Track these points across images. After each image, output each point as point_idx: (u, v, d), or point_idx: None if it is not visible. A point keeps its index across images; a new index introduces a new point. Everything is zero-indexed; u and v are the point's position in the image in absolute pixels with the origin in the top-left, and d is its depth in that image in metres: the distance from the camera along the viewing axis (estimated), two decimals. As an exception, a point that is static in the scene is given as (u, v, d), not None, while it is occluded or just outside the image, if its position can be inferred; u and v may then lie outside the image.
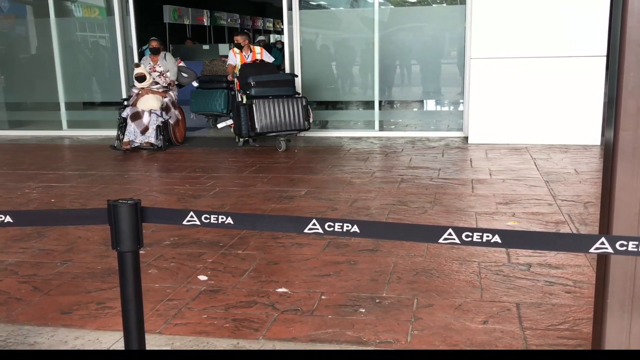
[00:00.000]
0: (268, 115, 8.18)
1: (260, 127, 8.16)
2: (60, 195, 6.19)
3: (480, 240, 1.72)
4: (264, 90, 8.26)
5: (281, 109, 8.25)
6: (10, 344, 3.08)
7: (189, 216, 1.95)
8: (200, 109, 10.06)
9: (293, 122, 8.35)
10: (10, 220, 1.93)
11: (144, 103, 8.46)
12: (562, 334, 3.07)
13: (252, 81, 8.24)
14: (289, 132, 8.43)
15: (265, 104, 8.19)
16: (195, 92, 9.91)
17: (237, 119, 8.49)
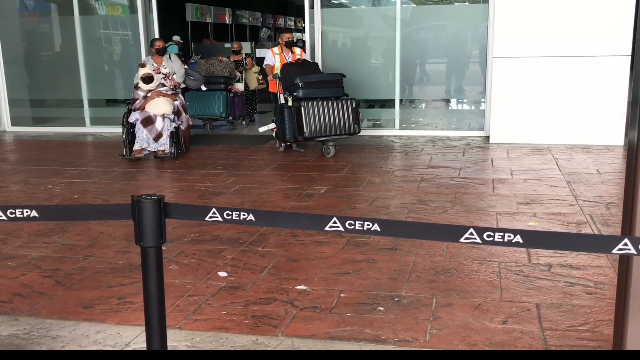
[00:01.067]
0: (317, 119, 7.63)
1: (309, 132, 7.61)
2: (82, 191, 6.26)
3: (502, 240, 1.71)
4: (312, 92, 7.74)
5: (330, 112, 7.71)
6: (33, 337, 3.13)
7: (211, 212, 1.97)
8: (197, 112, 9.75)
9: (343, 125, 7.80)
10: (36, 215, 1.96)
11: (155, 107, 7.75)
12: (582, 335, 3.05)
13: (300, 82, 7.70)
14: (339, 137, 7.88)
15: (314, 106, 7.64)
16: (191, 94, 9.60)
17: (280, 123, 7.91)
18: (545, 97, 8.34)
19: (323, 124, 7.68)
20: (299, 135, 7.69)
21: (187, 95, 9.38)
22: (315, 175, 6.80)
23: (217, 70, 10.06)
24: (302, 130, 7.63)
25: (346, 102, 7.83)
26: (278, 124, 8.00)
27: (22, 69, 11.21)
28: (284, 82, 8.00)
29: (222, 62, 10.33)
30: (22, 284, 3.83)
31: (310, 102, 7.64)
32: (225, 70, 10.24)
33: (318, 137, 7.72)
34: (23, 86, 11.24)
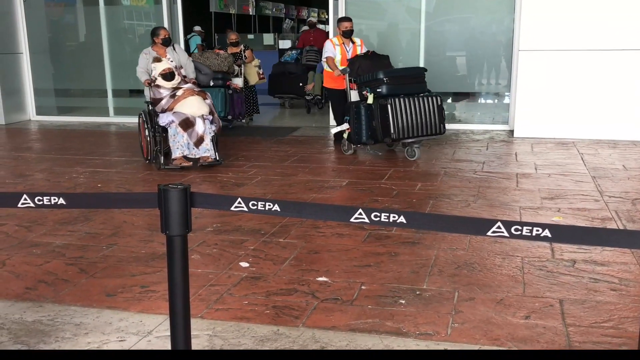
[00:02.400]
0: (404, 118, 6.84)
1: (397, 132, 6.84)
2: (106, 180, 6.32)
3: (529, 234, 1.69)
4: (397, 88, 6.94)
5: (417, 110, 6.92)
6: (57, 324, 3.16)
7: (237, 202, 1.97)
8: None
9: (429, 124, 7.03)
10: (63, 202, 1.98)
11: (190, 107, 6.70)
12: (606, 332, 3.02)
13: (384, 77, 6.92)
14: (426, 138, 7.16)
15: (401, 104, 6.85)
16: None
17: (356, 123, 7.09)
18: (571, 91, 8.24)
19: (410, 124, 6.90)
20: (385, 137, 6.92)
21: None
22: (337, 167, 6.79)
23: (214, 64, 9.01)
24: (389, 131, 6.84)
25: (431, 99, 7.08)
26: (352, 124, 7.18)
27: (47, 59, 11.31)
28: (358, 76, 7.21)
29: (219, 55, 9.28)
30: (46, 271, 3.88)
31: (397, 100, 6.85)
32: (223, 65, 9.16)
33: (405, 138, 6.95)
34: (48, 76, 11.35)
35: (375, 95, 6.92)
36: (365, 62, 7.36)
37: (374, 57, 7.51)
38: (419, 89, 7.11)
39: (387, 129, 6.84)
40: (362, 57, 7.47)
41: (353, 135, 7.18)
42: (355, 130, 7.12)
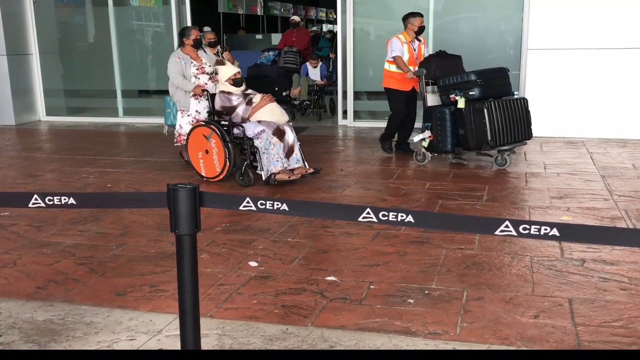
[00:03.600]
0: (500, 123, 6.30)
1: (494, 139, 6.29)
2: (116, 180, 6.35)
3: (538, 233, 1.69)
4: (488, 90, 6.39)
5: (509, 113, 6.40)
6: (68, 323, 3.18)
7: (245, 202, 1.98)
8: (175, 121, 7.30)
9: (520, 129, 6.53)
10: (73, 202, 2.00)
11: (274, 114, 6.07)
12: (615, 332, 3.01)
13: (477, 78, 6.35)
14: (519, 144, 6.64)
15: (496, 107, 6.30)
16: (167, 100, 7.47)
17: (440, 130, 6.50)
18: (580, 90, 8.21)
19: (505, 129, 6.36)
20: (484, 145, 6.33)
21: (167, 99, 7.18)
22: (345, 167, 6.79)
23: None
24: (485, 138, 6.27)
25: (521, 101, 6.60)
26: (435, 131, 6.55)
27: (57, 59, 11.37)
28: (437, 78, 6.62)
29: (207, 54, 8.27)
30: (57, 270, 3.90)
31: (492, 103, 6.31)
32: None
33: (501, 145, 6.40)
34: (58, 76, 11.41)
35: (468, 98, 6.32)
36: (443, 62, 6.77)
37: (448, 57, 6.96)
38: (507, 91, 6.64)
39: (482, 135, 6.30)
40: (437, 57, 6.86)
41: (435, 143, 6.57)
42: (440, 138, 6.52)
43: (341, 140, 8.57)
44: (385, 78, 7.29)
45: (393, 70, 7.11)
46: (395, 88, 7.18)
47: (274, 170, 5.80)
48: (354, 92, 9.75)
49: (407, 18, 7.22)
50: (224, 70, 6.18)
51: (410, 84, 7.08)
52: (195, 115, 6.49)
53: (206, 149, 6.04)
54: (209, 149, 6.03)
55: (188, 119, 6.53)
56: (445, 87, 6.52)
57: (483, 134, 6.28)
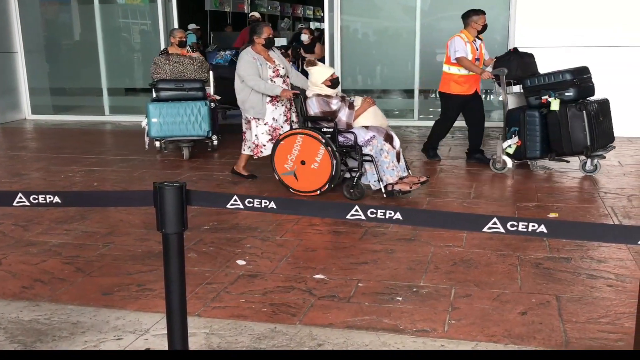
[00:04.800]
0: (596, 126, 5.87)
1: (594, 144, 5.86)
2: (102, 179, 6.31)
3: (525, 229, 1.70)
4: (583, 91, 5.97)
5: (601, 116, 6.02)
6: (54, 323, 3.16)
7: (233, 200, 1.97)
8: (169, 133, 7.01)
9: (608, 131, 6.18)
10: (58, 201, 1.98)
11: (378, 118, 5.64)
12: (602, 328, 3.03)
13: (574, 78, 5.90)
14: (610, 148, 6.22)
15: (593, 109, 5.88)
16: (156, 107, 7.00)
17: (530, 135, 5.99)
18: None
19: (600, 132, 5.95)
20: (584, 150, 5.87)
21: (149, 107, 7.02)
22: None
23: (189, 70, 7.34)
24: (584, 142, 5.83)
25: (607, 103, 6.19)
26: (523, 137, 6.03)
27: (42, 57, 11.29)
28: (521, 78, 6.18)
29: (194, 59, 7.52)
30: (43, 270, 3.87)
31: (591, 105, 5.89)
32: (201, 71, 7.48)
33: (597, 150, 5.96)
34: (43, 75, 11.32)
35: (563, 101, 5.85)
36: (523, 60, 6.29)
37: (525, 55, 6.46)
38: (593, 91, 6.11)
39: (581, 140, 5.83)
40: (517, 55, 6.38)
41: (523, 149, 6.03)
42: (528, 144, 5.99)
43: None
44: (444, 81, 6.74)
45: (454, 73, 6.59)
46: (455, 93, 6.62)
47: (390, 180, 5.27)
48: (341, 90, 9.73)
49: (469, 16, 6.69)
50: (319, 71, 5.54)
51: (473, 87, 6.62)
52: (272, 124, 5.80)
53: (302, 159, 5.39)
54: (307, 160, 5.37)
55: (265, 128, 5.80)
56: (535, 88, 5.99)
57: (582, 138, 5.82)
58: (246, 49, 5.79)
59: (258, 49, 5.78)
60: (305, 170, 5.40)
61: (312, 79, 5.54)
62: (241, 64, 5.70)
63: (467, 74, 6.52)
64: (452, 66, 6.59)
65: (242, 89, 5.74)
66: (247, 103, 5.76)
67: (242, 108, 5.84)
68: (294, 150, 5.42)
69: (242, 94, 5.76)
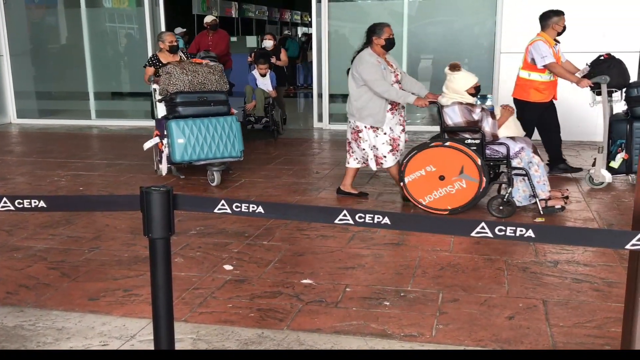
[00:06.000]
0: None
1: None
2: (88, 183, 6.26)
3: (513, 234, 1.70)
4: None
5: None
6: (38, 328, 3.12)
7: (220, 204, 1.96)
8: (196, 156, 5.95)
9: None
10: (43, 205, 1.96)
11: (519, 128, 5.26)
12: (589, 332, 3.04)
13: None
14: None
15: None
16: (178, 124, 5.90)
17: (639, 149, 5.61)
18: (552, 93, 8.29)
19: None
20: None
21: (173, 126, 5.89)
22: (321, 170, 6.78)
23: (209, 80, 6.18)
24: None
25: None
26: (630, 149, 5.63)
27: (28, 61, 11.21)
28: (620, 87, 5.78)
29: (212, 67, 6.36)
30: (28, 275, 3.83)
31: None
32: (222, 81, 6.36)
33: None
34: (29, 78, 11.25)
35: None
36: (622, 67, 5.82)
37: (622, 62, 5.94)
38: None
39: None
40: (615, 62, 5.87)
41: (629, 163, 5.60)
42: (636, 158, 5.55)
43: (317, 143, 8.56)
44: (521, 88, 6.28)
45: (535, 79, 6.14)
46: (534, 100, 6.16)
47: (543, 196, 4.90)
48: (329, 94, 9.75)
49: (548, 17, 6.19)
50: (464, 77, 5.08)
51: (552, 94, 6.24)
52: (389, 134, 5.32)
53: (441, 174, 4.93)
54: (447, 174, 4.91)
55: (385, 138, 5.31)
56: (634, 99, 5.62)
57: None
58: (366, 51, 5.29)
59: (377, 51, 5.28)
60: (445, 186, 4.93)
61: (454, 85, 5.05)
62: (365, 67, 5.18)
63: (549, 81, 6.14)
64: (533, 72, 6.13)
65: (361, 94, 5.24)
66: (365, 110, 5.25)
67: (356, 116, 5.33)
68: (430, 164, 4.98)
69: (360, 101, 5.26)
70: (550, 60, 5.97)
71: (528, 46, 6.20)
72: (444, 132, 5.06)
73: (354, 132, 5.42)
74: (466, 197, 4.88)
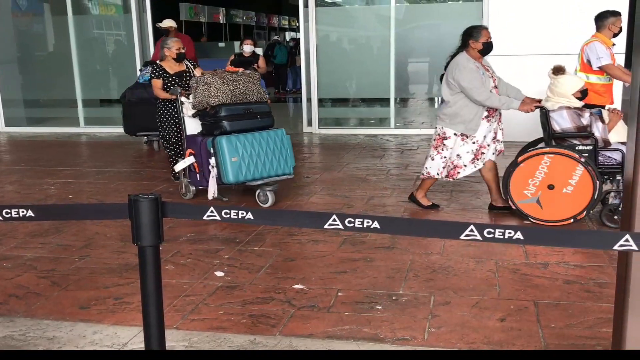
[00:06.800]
0: None
1: None
2: (77, 191, 6.23)
3: (502, 237, 1.71)
4: None
5: None
6: (29, 338, 3.10)
7: (209, 211, 1.95)
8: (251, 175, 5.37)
9: None
10: (32, 215, 1.95)
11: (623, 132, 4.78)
12: (580, 333, 3.05)
13: None
14: None
15: None
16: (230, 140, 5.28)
17: None
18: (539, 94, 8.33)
19: None
20: None
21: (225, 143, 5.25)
22: (311, 174, 6.78)
23: (250, 91, 5.56)
24: None
25: None
26: None
27: (15, 69, 11.16)
28: None
29: (250, 75, 5.71)
30: (17, 284, 3.81)
31: None
32: (262, 90, 5.80)
33: None
34: (17, 86, 11.19)
35: None
36: None
37: None
38: None
39: None
40: None
41: None
42: None
43: (306, 147, 8.56)
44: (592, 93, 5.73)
45: (594, 82, 5.80)
46: (595, 104, 5.61)
47: None
48: (318, 99, 9.76)
49: (605, 17, 5.90)
50: (569, 81, 4.81)
51: (611, 97, 5.97)
52: (481, 142, 5.06)
53: (550, 183, 4.68)
54: (558, 183, 4.68)
55: (472, 147, 5.03)
56: None
57: None
58: (462, 55, 5.00)
59: (473, 55, 4.99)
60: (553, 195, 4.68)
61: (560, 89, 4.80)
62: (464, 73, 4.89)
63: (608, 83, 5.86)
64: (591, 74, 5.85)
65: (456, 101, 4.96)
66: (457, 117, 4.97)
67: (445, 121, 5.04)
68: (538, 173, 4.71)
69: (454, 107, 4.98)
70: (607, 61, 5.72)
71: (583, 46, 5.97)
72: (552, 139, 4.79)
73: (439, 138, 5.11)
74: (580, 205, 4.63)
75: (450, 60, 5.09)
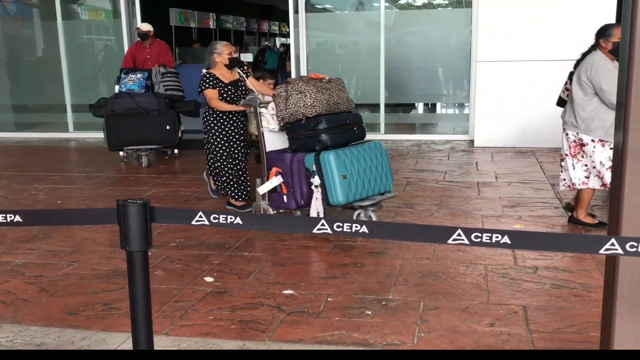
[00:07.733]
0: None
1: None
2: (66, 196, 6.21)
3: (489, 241, 1.71)
4: None
5: None
6: (16, 345, 3.08)
7: (198, 216, 1.95)
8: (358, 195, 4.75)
9: None
10: (19, 220, 1.94)
11: None
12: (569, 337, 3.06)
13: None
14: None
15: None
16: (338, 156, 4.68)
17: None
18: (528, 100, 8.38)
19: None
20: None
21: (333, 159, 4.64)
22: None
23: (341, 99, 5.09)
24: None
25: None
26: None
27: (4, 74, 11.11)
28: None
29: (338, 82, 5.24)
30: (5, 290, 3.78)
31: None
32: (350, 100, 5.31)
33: None
34: (5, 91, 11.14)
35: None
36: None
37: None
38: None
39: None
40: None
41: None
42: None
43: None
44: None
45: None
46: None
47: None
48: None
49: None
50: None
51: None
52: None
53: None
54: None
55: (609, 153, 4.57)
56: None
57: None
58: (599, 54, 4.65)
59: (607, 55, 4.66)
60: None
61: None
62: (602, 73, 4.54)
63: None
64: None
65: (590, 104, 4.64)
66: (593, 122, 4.63)
67: (581, 127, 4.69)
68: None
69: (587, 110, 4.64)
70: None
71: None
72: None
73: (576, 145, 4.74)
74: None
75: (581, 58, 4.77)
